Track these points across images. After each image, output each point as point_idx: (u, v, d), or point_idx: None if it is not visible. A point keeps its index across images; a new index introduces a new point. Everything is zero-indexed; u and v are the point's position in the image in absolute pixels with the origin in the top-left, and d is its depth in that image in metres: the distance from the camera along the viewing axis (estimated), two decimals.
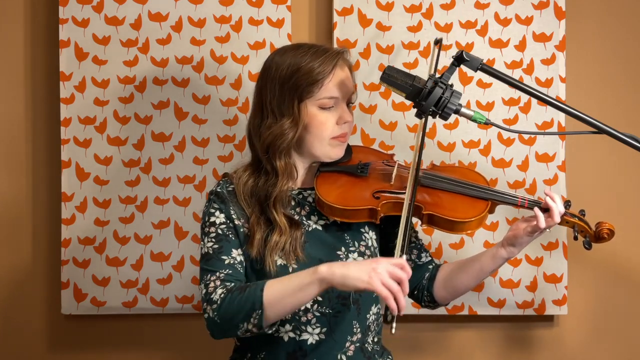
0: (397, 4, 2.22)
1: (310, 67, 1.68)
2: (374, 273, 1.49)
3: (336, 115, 1.72)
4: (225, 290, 1.59)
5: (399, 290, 1.49)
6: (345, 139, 1.75)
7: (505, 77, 1.66)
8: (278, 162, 1.70)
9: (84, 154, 2.21)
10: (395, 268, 1.50)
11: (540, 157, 2.23)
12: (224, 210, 1.70)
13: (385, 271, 1.49)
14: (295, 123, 1.69)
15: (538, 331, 2.31)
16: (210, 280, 1.63)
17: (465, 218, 1.70)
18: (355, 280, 1.50)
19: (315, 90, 1.69)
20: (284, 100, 1.69)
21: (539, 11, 2.22)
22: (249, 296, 1.55)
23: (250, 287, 1.57)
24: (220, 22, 2.22)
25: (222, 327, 1.59)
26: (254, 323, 1.55)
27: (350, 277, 1.50)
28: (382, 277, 1.48)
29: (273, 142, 1.69)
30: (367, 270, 1.50)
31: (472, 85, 2.22)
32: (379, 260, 1.52)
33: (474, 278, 1.80)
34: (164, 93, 2.22)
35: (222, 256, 1.66)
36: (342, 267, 1.52)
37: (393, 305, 1.48)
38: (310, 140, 1.72)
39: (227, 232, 1.69)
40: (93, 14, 2.20)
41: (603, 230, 1.74)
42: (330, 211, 1.71)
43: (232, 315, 1.56)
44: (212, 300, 1.59)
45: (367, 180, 1.77)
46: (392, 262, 1.51)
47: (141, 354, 2.29)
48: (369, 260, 1.54)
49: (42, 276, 2.28)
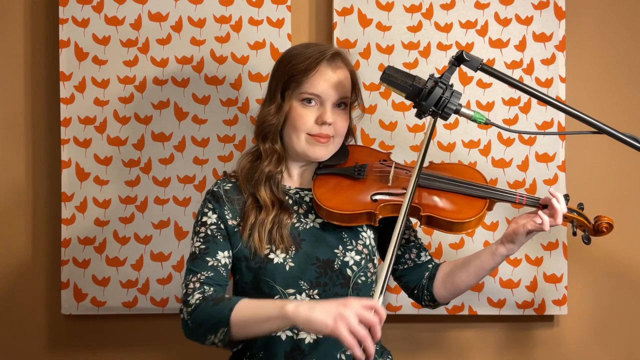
0: (397, 4, 2.22)
1: (300, 60, 1.71)
2: (340, 318, 1.39)
3: (317, 114, 1.73)
4: (201, 296, 1.60)
5: (367, 337, 1.39)
6: (326, 141, 1.74)
7: (505, 77, 1.66)
8: (262, 145, 1.75)
9: (84, 154, 2.21)
10: (366, 311, 1.41)
11: (540, 157, 2.22)
12: (217, 210, 1.72)
13: (354, 315, 1.40)
14: (278, 110, 1.73)
15: (538, 331, 2.30)
16: (191, 281, 1.65)
17: (464, 218, 1.70)
18: (320, 324, 1.41)
19: (300, 82, 1.71)
20: (274, 86, 1.75)
21: (539, 11, 2.22)
22: (219, 311, 1.55)
23: (223, 302, 1.57)
24: (220, 22, 2.22)
25: (192, 331, 1.61)
26: (219, 338, 1.56)
27: (314, 321, 1.42)
28: (349, 322, 1.39)
29: (260, 126, 1.75)
30: (333, 314, 1.40)
31: (472, 85, 2.22)
32: (349, 303, 1.42)
33: (474, 276, 1.80)
34: (164, 93, 2.22)
35: (206, 257, 1.67)
36: (308, 309, 1.44)
37: (358, 354, 1.39)
38: (288, 133, 1.74)
39: (216, 234, 1.70)
40: (93, 14, 2.20)
41: (602, 224, 1.75)
42: (329, 216, 1.70)
43: (203, 324, 1.58)
44: (189, 303, 1.61)
45: (364, 182, 1.76)
46: (364, 304, 1.42)
47: (141, 354, 2.30)
48: (339, 301, 1.43)
49: (42, 276, 2.28)
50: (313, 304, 1.46)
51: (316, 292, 1.69)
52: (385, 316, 1.43)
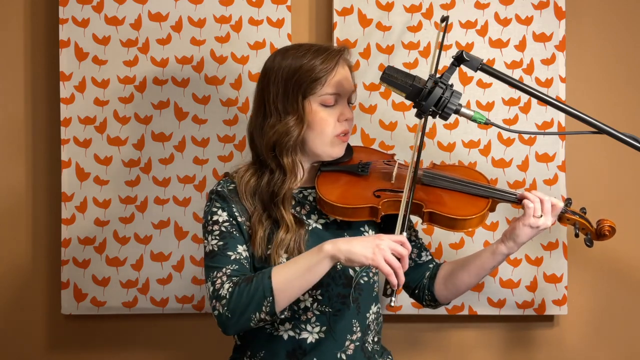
0: (397, 4, 2.22)
1: (313, 65, 1.69)
2: (377, 249, 1.52)
3: (337, 113, 1.73)
4: (232, 284, 1.59)
5: (400, 267, 1.53)
6: (346, 138, 1.77)
7: (505, 77, 1.66)
8: (285, 159, 1.71)
9: (84, 154, 2.21)
10: (397, 245, 1.54)
11: (540, 157, 2.23)
12: (226, 208, 1.70)
13: (388, 248, 1.53)
14: (300, 120, 1.70)
15: (538, 331, 2.31)
16: (217, 277, 1.62)
17: (466, 216, 1.70)
18: (360, 256, 1.53)
19: (318, 87, 1.70)
20: (288, 98, 1.70)
21: (539, 11, 2.22)
22: (257, 285, 1.55)
23: (257, 277, 1.57)
24: (220, 22, 2.22)
25: (234, 321, 1.57)
26: (266, 311, 1.55)
27: (355, 253, 1.53)
28: (385, 253, 1.52)
29: (279, 140, 1.70)
30: (371, 246, 1.53)
31: (472, 85, 2.22)
32: (382, 237, 1.55)
33: (474, 275, 1.80)
34: (164, 93, 2.22)
35: (227, 252, 1.65)
36: (346, 243, 1.55)
37: (394, 280, 1.52)
38: (312, 138, 1.72)
39: (231, 229, 1.68)
40: (93, 14, 2.20)
41: (604, 227, 1.75)
42: (331, 210, 1.71)
43: (244, 308, 1.56)
44: (221, 296, 1.58)
45: (367, 179, 1.77)
46: (394, 238, 1.55)
47: (141, 354, 2.30)
48: (372, 236, 1.56)
49: (42, 276, 2.28)
50: (349, 239, 1.57)
51: (319, 292, 1.69)
52: (410, 249, 1.57)
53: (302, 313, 1.68)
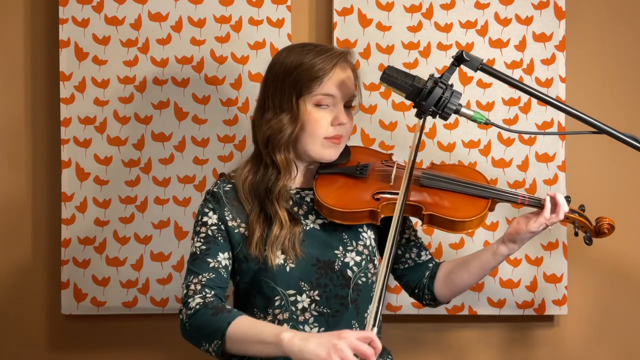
0: (397, 4, 2.22)
1: (312, 64, 1.69)
2: (333, 350, 1.40)
3: (332, 115, 1.72)
4: (202, 302, 1.60)
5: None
6: (339, 142, 1.74)
7: (505, 77, 1.66)
8: (278, 156, 1.71)
9: (84, 154, 2.21)
10: (361, 344, 1.40)
11: (540, 157, 2.23)
12: (218, 211, 1.71)
13: (348, 347, 1.39)
14: (295, 119, 1.70)
15: (538, 331, 2.31)
16: (192, 283, 1.64)
17: (466, 217, 1.70)
18: (313, 355, 1.42)
19: (314, 87, 1.69)
20: (284, 94, 1.70)
21: (539, 11, 2.22)
22: (217, 322, 1.56)
23: (223, 314, 1.57)
24: (220, 22, 2.22)
25: (189, 334, 1.61)
26: (213, 349, 1.56)
27: (307, 353, 1.42)
28: (343, 354, 1.39)
29: (272, 136, 1.71)
30: (327, 346, 1.41)
31: (472, 85, 2.22)
32: (344, 335, 1.41)
33: (474, 275, 1.80)
34: (164, 93, 2.22)
35: (208, 258, 1.67)
36: (302, 340, 1.45)
37: None
38: (304, 139, 1.72)
39: (216, 234, 1.69)
40: (93, 14, 2.20)
41: (603, 225, 1.75)
42: (330, 214, 1.70)
43: (199, 332, 1.58)
44: (189, 305, 1.61)
45: (366, 181, 1.77)
46: (359, 336, 1.41)
47: (141, 354, 2.30)
48: (334, 333, 1.44)
49: (42, 276, 2.28)
50: (308, 335, 1.47)
51: (317, 293, 1.69)
52: (380, 348, 1.42)
53: (300, 314, 1.68)
